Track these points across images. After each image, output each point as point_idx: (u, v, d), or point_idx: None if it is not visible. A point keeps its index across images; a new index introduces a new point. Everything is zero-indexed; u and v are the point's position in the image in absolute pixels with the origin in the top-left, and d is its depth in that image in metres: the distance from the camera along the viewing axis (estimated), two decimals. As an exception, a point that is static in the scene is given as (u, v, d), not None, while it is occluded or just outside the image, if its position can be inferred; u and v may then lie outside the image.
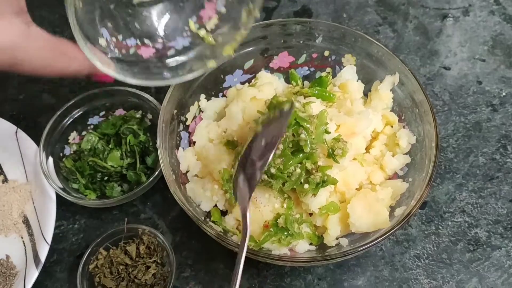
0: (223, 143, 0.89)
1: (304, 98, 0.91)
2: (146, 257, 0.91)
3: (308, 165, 0.80)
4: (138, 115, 1.06)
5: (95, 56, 0.64)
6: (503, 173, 1.01)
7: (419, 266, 0.92)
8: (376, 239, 0.77)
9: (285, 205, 0.84)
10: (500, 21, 1.21)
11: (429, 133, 0.86)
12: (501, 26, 1.21)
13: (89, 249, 0.90)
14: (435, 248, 0.94)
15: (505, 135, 1.06)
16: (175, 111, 0.93)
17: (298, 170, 0.79)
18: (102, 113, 1.08)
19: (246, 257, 0.78)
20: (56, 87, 1.17)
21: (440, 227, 0.96)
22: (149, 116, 1.06)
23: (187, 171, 0.93)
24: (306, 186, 0.79)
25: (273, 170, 0.79)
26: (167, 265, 0.90)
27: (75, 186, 0.99)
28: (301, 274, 0.92)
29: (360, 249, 0.76)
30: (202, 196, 0.88)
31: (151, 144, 1.02)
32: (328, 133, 0.82)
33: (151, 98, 1.04)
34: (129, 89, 1.06)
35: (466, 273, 0.91)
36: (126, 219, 0.96)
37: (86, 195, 0.98)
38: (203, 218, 0.84)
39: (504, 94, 1.11)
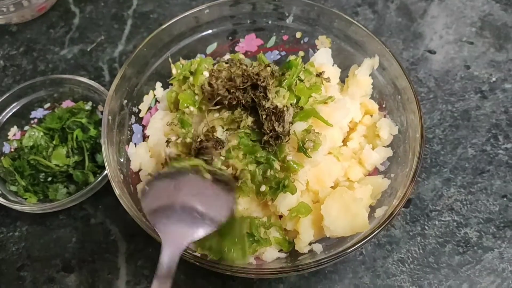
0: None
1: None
2: None
3: (276, 164, 0.70)
4: (87, 107, 0.94)
5: None
6: (494, 166, 0.92)
7: (404, 271, 0.83)
8: (354, 244, 0.67)
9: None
10: (489, 1, 1.12)
11: (413, 123, 0.77)
12: (490, 6, 1.11)
13: None
14: (421, 251, 0.84)
15: (496, 124, 0.96)
16: (125, 101, 0.82)
17: (253, 167, 0.69)
18: (47, 105, 0.96)
19: (206, 268, 0.68)
20: (-2, 77, 1.04)
21: (426, 228, 0.86)
22: (101, 108, 0.95)
23: (139, 170, 0.81)
24: (263, 188, 0.69)
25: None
26: None
27: (13, 188, 0.87)
28: (272, 283, 0.82)
29: (335, 257, 0.66)
30: (156, 199, 0.76)
31: (102, 139, 0.90)
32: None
33: (102, 89, 0.93)
34: (79, 78, 0.95)
35: (455, 278, 0.82)
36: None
37: (26, 199, 0.86)
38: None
39: (494, 79, 1.02)
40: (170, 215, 0.61)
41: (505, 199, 0.89)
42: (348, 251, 0.66)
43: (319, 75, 0.80)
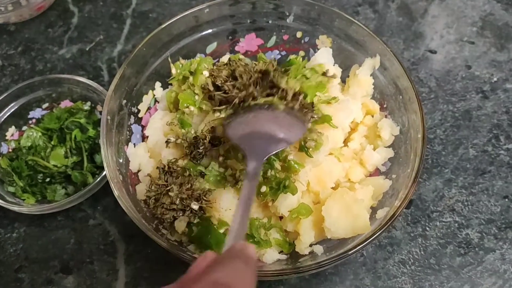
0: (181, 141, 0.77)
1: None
2: None
3: (277, 164, 0.70)
4: (86, 107, 0.93)
5: None
6: (495, 167, 0.91)
7: (405, 273, 0.82)
8: (355, 246, 0.66)
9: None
10: (490, 0, 1.11)
11: (415, 123, 0.76)
12: (491, 5, 1.11)
13: None
14: (422, 252, 0.84)
15: (497, 125, 0.96)
16: (124, 101, 0.81)
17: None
18: (46, 105, 0.95)
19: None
20: (-4, 77, 1.04)
21: (427, 229, 0.86)
22: (100, 108, 0.94)
23: (139, 170, 0.80)
24: (263, 189, 0.68)
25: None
26: None
27: (11, 189, 0.86)
28: (272, 285, 0.81)
29: (336, 259, 0.65)
30: (155, 199, 0.76)
31: (101, 139, 0.89)
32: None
33: (101, 88, 0.92)
34: (78, 78, 0.94)
35: (456, 279, 0.81)
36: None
37: (24, 200, 0.85)
38: (154, 225, 0.72)
39: (495, 79, 1.01)
40: (251, 138, 0.69)
41: (506, 200, 0.88)
42: (349, 253, 0.65)
43: (324, 73, 0.80)
